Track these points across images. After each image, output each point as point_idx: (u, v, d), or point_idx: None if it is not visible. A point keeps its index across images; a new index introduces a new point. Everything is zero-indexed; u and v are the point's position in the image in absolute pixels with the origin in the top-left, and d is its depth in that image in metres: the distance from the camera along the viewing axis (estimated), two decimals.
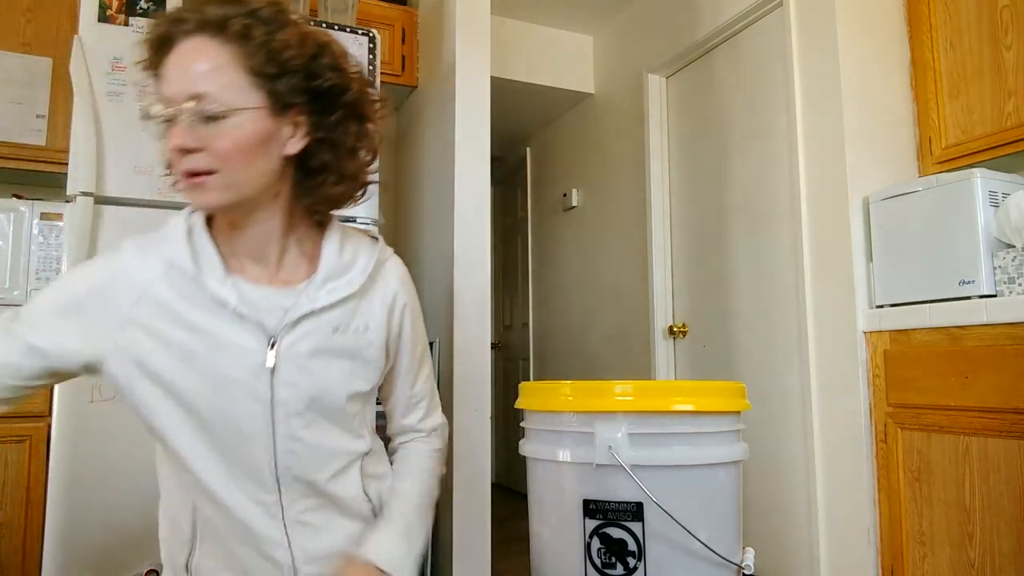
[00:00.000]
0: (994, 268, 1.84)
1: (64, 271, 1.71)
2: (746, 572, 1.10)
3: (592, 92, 3.76)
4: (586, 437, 1.08)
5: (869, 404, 2.03)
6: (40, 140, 2.23)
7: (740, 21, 2.69)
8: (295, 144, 0.91)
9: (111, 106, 1.79)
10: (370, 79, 1.03)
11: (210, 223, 0.96)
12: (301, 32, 0.90)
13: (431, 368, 1.15)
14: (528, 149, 4.57)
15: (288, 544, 0.93)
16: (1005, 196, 1.87)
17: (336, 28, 2.14)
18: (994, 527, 1.69)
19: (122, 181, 1.77)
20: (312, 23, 0.96)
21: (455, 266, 2.26)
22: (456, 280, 2.26)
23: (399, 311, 1.04)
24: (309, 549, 0.94)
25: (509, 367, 4.73)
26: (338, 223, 1.03)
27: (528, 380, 4.16)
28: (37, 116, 2.24)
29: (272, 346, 0.91)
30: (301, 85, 0.89)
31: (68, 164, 1.74)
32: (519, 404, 1.25)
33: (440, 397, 1.18)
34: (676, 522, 1.02)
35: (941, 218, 1.94)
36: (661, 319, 3.08)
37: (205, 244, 0.92)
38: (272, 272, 0.96)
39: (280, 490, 0.93)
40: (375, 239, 1.06)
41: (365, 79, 0.98)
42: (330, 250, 0.98)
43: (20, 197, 2.21)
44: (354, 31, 2.16)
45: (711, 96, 2.91)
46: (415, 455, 1.10)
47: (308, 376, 0.93)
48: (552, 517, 1.14)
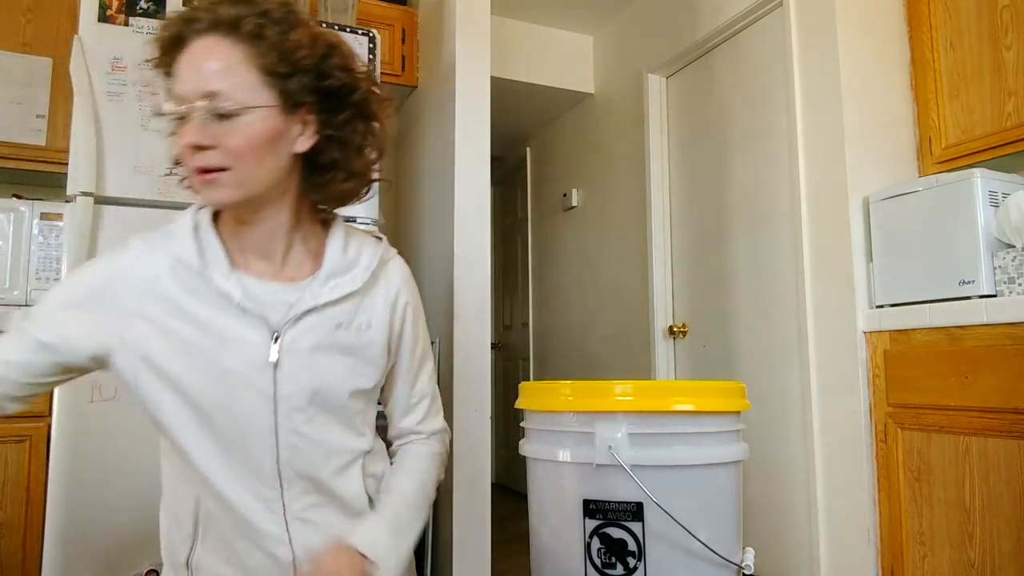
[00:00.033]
0: (994, 268, 1.84)
1: (64, 271, 1.70)
2: (746, 572, 1.10)
3: (592, 92, 3.76)
4: (586, 437, 1.08)
5: (869, 404, 2.03)
6: (40, 140, 2.23)
7: (740, 21, 2.69)
8: (304, 142, 0.93)
9: (111, 106, 1.79)
10: (376, 79, 1.05)
11: (216, 220, 0.97)
12: (312, 32, 0.91)
13: (432, 371, 1.14)
14: (528, 149, 4.57)
15: (289, 541, 0.94)
16: (1005, 196, 1.87)
17: (336, 28, 2.14)
18: (994, 527, 1.69)
19: (122, 181, 1.77)
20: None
21: (455, 266, 2.26)
22: (456, 280, 2.26)
23: (401, 309, 1.05)
24: (310, 546, 0.94)
25: (509, 367, 4.73)
26: (342, 222, 1.04)
27: (528, 380, 4.16)
28: (37, 116, 2.24)
29: (275, 341, 0.92)
30: (312, 84, 0.90)
31: (68, 164, 1.74)
32: (519, 404, 1.25)
33: (440, 397, 1.17)
34: (676, 522, 1.02)
35: (941, 218, 1.94)
36: (661, 319, 3.08)
37: (211, 240, 0.94)
38: (277, 268, 0.97)
39: (282, 486, 0.94)
40: (379, 239, 1.07)
41: (372, 79, 1.00)
42: (334, 247, 1.00)
43: (20, 197, 2.21)
44: (354, 31, 2.16)
45: (711, 96, 2.91)
46: (413, 456, 1.09)
47: (310, 371, 0.94)
48: (552, 517, 1.14)
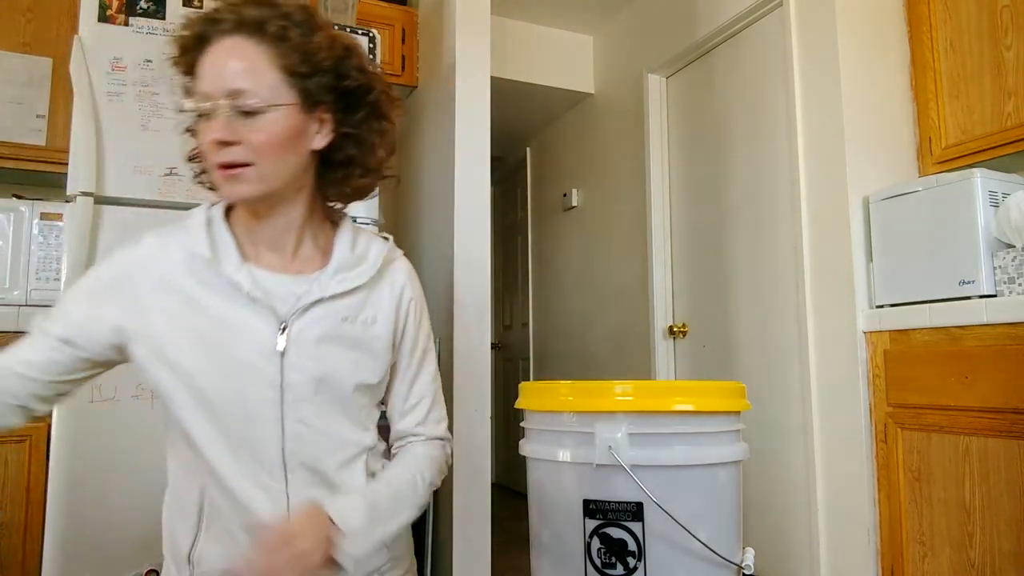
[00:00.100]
0: (994, 268, 1.84)
1: (64, 271, 1.70)
2: (746, 572, 1.10)
3: (592, 92, 3.76)
4: (586, 437, 1.08)
5: (869, 404, 2.03)
6: (40, 140, 2.23)
7: (740, 21, 2.69)
8: (321, 139, 0.97)
9: (111, 106, 1.79)
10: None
11: (227, 216, 1.01)
12: (331, 35, 0.97)
13: (434, 373, 1.13)
14: (528, 149, 4.57)
15: None
16: (1005, 196, 1.87)
17: (336, 28, 2.14)
18: (994, 527, 1.69)
19: (122, 181, 1.77)
20: None
21: (455, 266, 2.26)
22: (456, 280, 2.26)
23: (406, 305, 1.07)
24: None
25: (509, 367, 4.73)
26: (351, 221, 1.08)
27: (528, 380, 4.16)
28: (37, 116, 2.24)
29: (283, 331, 0.95)
30: (330, 84, 0.95)
31: (68, 164, 1.73)
32: (519, 404, 1.25)
33: (444, 406, 1.15)
34: (676, 522, 1.02)
35: (941, 218, 1.94)
36: (661, 319, 3.08)
37: (223, 234, 0.97)
38: (287, 261, 1.00)
39: (287, 478, 0.94)
40: (386, 238, 1.10)
41: (385, 81, 1.04)
42: (343, 244, 1.03)
43: (20, 197, 2.21)
44: (354, 31, 2.16)
45: (711, 96, 2.91)
46: (410, 454, 1.08)
47: (316, 360, 0.96)
48: (552, 517, 1.14)
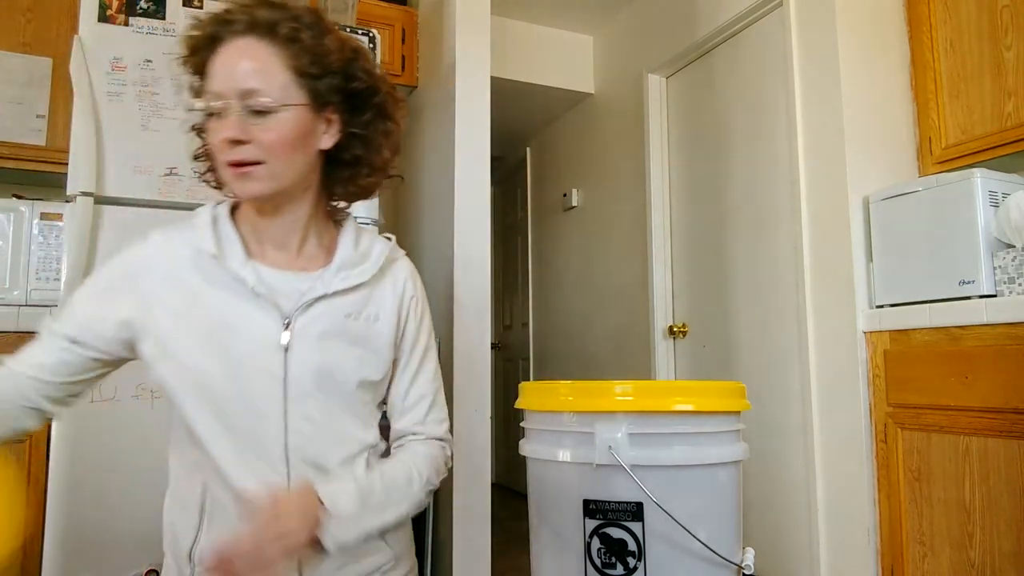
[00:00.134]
0: (994, 268, 1.84)
1: (64, 271, 1.70)
2: (746, 572, 1.10)
3: (592, 92, 3.76)
4: (586, 437, 1.08)
5: (869, 404, 2.03)
6: (40, 140, 2.23)
7: (740, 21, 2.69)
8: (328, 139, 0.99)
9: (111, 106, 1.79)
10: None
11: (233, 214, 1.03)
12: (340, 38, 0.98)
13: (435, 373, 1.13)
14: (528, 149, 4.57)
15: None
16: (1005, 196, 1.87)
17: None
18: (994, 527, 1.69)
19: (122, 181, 1.77)
20: None
21: (455, 266, 2.26)
22: (456, 280, 2.26)
23: (407, 302, 1.09)
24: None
25: (509, 367, 4.73)
26: (354, 221, 1.09)
27: (528, 380, 4.16)
28: (37, 116, 2.24)
29: (287, 327, 0.96)
30: (339, 85, 0.97)
31: (68, 164, 1.73)
32: (519, 404, 1.25)
33: (446, 407, 1.14)
34: (676, 522, 1.02)
35: (941, 218, 1.94)
36: (661, 319, 3.08)
37: (229, 231, 1.00)
38: (292, 258, 1.02)
39: (289, 473, 0.95)
40: (388, 238, 1.12)
41: (390, 82, 1.07)
42: (346, 242, 1.05)
43: (20, 197, 2.20)
44: (354, 31, 2.15)
45: (711, 96, 2.91)
46: (408, 451, 1.07)
47: (320, 354, 0.98)
48: (552, 517, 1.14)
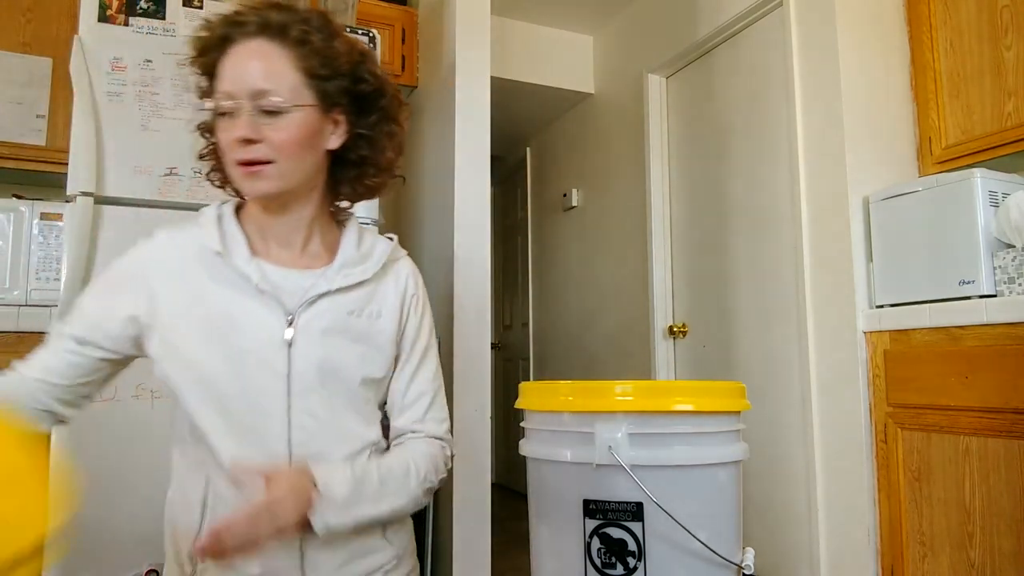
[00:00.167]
0: (994, 268, 1.84)
1: (64, 271, 1.70)
2: (746, 572, 1.10)
3: (592, 92, 3.76)
4: (586, 437, 1.08)
5: (869, 404, 2.03)
6: (40, 140, 2.23)
7: (740, 21, 2.69)
8: (336, 140, 1.01)
9: (111, 106, 1.79)
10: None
11: (238, 213, 1.04)
12: (348, 40, 1.00)
13: (436, 371, 1.13)
14: (528, 149, 4.57)
15: None
16: (1005, 196, 1.87)
17: None
18: (994, 527, 1.69)
19: (122, 181, 1.77)
20: None
21: (455, 266, 2.26)
22: (456, 280, 2.26)
23: (409, 300, 1.10)
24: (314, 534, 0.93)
25: (509, 367, 4.73)
26: (357, 221, 1.11)
27: (528, 380, 4.16)
28: (37, 116, 2.24)
29: (290, 324, 0.98)
30: (347, 87, 0.99)
31: (68, 164, 1.73)
32: (519, 404, 1.25)
33: (446, 407, 1.14)
34: (676, 522, 1.02)
35: (941, 218, 1.94)
36: (661, 319, 3.08)
37: (233, 229, 1.01)
38: (296, 256, 1.03)
39: None
40: (391, 238, 1.13)
41: (395, 85, 1.08)
42: (349, 241, 1.07)
43: (20, 197, 2.21)
44: (354, 31, 2.15)
45: (711, 96, 2.91)
46: (407, 448, 1.07)
47: (323, 350, 0.98)
48: (552, 517, 1.14)
